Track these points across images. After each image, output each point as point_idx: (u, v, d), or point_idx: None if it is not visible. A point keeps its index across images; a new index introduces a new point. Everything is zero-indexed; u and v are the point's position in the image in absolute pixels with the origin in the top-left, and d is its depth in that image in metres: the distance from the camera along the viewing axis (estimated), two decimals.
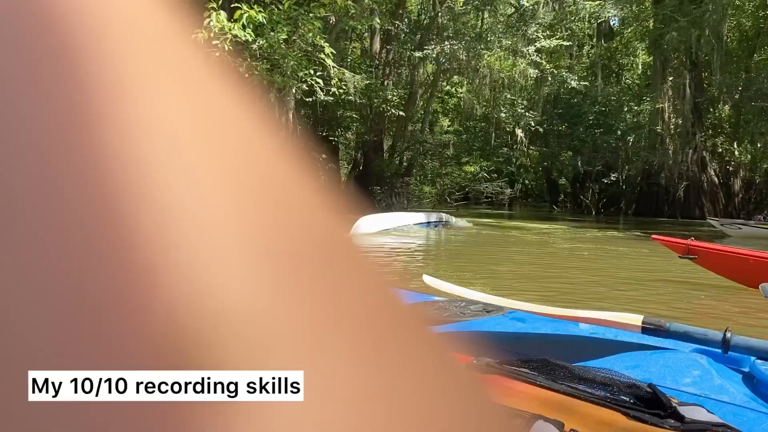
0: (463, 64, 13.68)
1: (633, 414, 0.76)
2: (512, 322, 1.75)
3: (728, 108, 19.98)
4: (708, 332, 1.46)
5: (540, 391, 0.85)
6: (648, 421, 0.74)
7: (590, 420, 0.75)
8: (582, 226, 13.73)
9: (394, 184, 16.12)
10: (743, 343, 1.38)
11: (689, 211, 19.17)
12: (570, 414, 0.76)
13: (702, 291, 4.28)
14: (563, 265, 6.29)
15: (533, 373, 0.91)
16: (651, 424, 0.74)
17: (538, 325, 1.71)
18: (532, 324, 1.72)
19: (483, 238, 9.63)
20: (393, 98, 13.36)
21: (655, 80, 19.60)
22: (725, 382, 1.23)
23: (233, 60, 10.15)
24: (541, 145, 21.70)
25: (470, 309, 1.86)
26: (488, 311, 1.84)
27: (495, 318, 1.78)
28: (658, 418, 0.75)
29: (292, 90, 10.18)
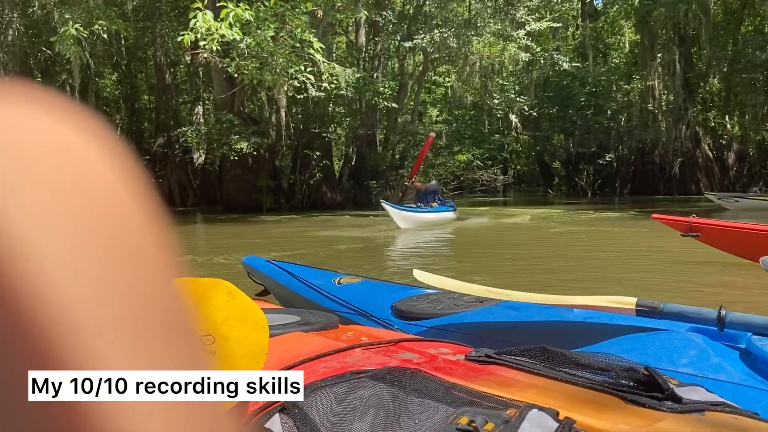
0: (452, 52, 13.58)
1: (630, 398, 0.75)
2: (506, 311, 1.73)
3: (718, 81, 19.92)
4: (702, 311, 1.45)
5: (538, 379, 0.85)
6: (646, 404, 0.74)
7: (587, 406, 0.74)
8: (579, 208, 13.72)
9: (388, 177, 16.08)
10: (739, 319, 1.36)
11: (685, 187, 19.18)
12: (567, 401, 0.76)
13: (703, 268, 4.25)
14: (561, 250, 6.27)
15: (531, 361, 0.91)
16: (649, 407, 0.74)
17: (533, 313, 1.69)
18: (526, 312, 1.70)
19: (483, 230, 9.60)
20: (385, 90, 13.26)
21: (644, 57, 19.53)
22: (722, 361, 1.22)
23: (221, 60, 10.09)
24: (533, 130, 21.64)
25: (464, 300, 1.85)
26: (482, 301, 1.82)
27: (489, 308, 1.76)
28: (656, 401, 0.74)
29: (284, 88, 10.11)
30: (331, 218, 11.00)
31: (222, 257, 5.58)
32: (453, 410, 0.73)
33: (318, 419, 0.76)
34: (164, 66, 18.78)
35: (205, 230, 9.93)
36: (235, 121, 12.44)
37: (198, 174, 19.12)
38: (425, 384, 0.81)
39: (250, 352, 0.93)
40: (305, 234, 8.35)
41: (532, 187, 29.96)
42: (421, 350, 1.07)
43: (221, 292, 1.09)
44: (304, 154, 14.29)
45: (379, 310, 1.82)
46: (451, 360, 0.99)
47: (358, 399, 0.78)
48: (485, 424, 0.68)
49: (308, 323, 1.37)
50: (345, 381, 0.85)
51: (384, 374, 0.85)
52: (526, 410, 0.69)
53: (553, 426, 0.67)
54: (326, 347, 1.08)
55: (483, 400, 0.76)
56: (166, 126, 18.96)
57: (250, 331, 1.00)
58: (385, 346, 1.09)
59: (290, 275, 2.21)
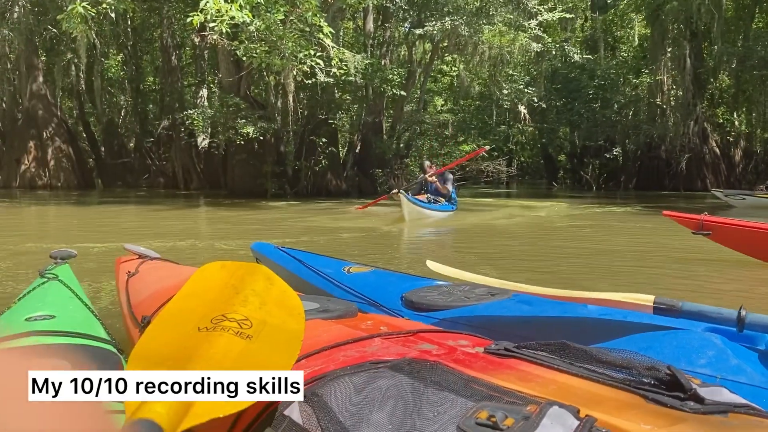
0: (462, 41, 13.40)
1: (652, 397, 0.74)
2: (519, 305, 1.70)
3: (728, 78, 19.72)
4: (722, 311, 1.42)
5: (558, 374, 0.84)
6: (667, 404, 0.72)
7: (608, 404, 0.73)
8: (585, 202, 13.66)
9: (393, 166, 16.00)
10: (759, 320, 1.33)
11: (691, 183, 19.09)
12: (588, 398, 0.75)
13: (713, 268, 4.19)
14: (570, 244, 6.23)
15: (551, 356, 0.90)
16: (670, 406, 0.72)
17: (546, 307, 1.66)
18: (539, 307, 1.67)
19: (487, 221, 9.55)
20: (393, 78, 13.11)
21: (654, 52, 19.33)
22: (741, 362, 1.19)
23: (229, 43, 9.99)
24: (540, 122, 21.49)
25: (475, 293, 1.82)
26: (493, 294, 1.80)
27: (501, 302, 1.74)
28: (677, 401, 0.73)
29: (292, 72, 9.99)
30: (336, 206, 10.96)
31: (224, 242, 5.56)
32: (472, 404, 0.72)
33: (337, 408, 0.76)
34: (170, 48, 18.68)
35: (208, 214, 9.91)
36: (242, 105, 12.36)
37: (202, 157, 19.09)
38: (444, 376, 0.81)
39: (286, 339, 0.92)
40: (309, 221, 8.33)
41: (535, 179, 29.83)
42: (440, 342, 1.06)
43: (260, 277, 1.11)
44: (310, 141, 14.20)
45: (389, 300, 1.80)
46: (471, 353, 0.98)
47: (377, 389, 0.78)
48: (505, 419, 0.67)
49: (327, 311, 1.36)
50: (364, 371, 0.85)
51: (404, 365, 0.85)
52: (546, 407, 0.68)
53: (574, 424, 0.65)
54: (345, 336, 1.07)
55: (503, 394, 0.75)
56: (170, 108, 18.92)
57: (286, 317, 0.99)
58: (404, 337, 1.08)
59: (299, 262, 2.19)
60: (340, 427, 0.71)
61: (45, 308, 1.47)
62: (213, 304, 0.99)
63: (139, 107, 21.75)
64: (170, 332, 0.89)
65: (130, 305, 1.74)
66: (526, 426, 0.65)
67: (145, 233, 6.43)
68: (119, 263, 2.32)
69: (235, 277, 1.11)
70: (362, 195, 13.81)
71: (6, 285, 3.39)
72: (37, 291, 1.65)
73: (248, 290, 1.04)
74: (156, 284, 1.83)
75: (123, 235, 6.28)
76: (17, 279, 3.55)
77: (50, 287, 1.68)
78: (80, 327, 1.35)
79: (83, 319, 1.46)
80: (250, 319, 0.93)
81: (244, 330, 0.89)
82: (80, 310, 1.54)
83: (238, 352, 0.83)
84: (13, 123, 19.00)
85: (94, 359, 1.09)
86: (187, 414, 0.66)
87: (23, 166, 18.27)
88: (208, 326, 0.89)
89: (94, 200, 13.35)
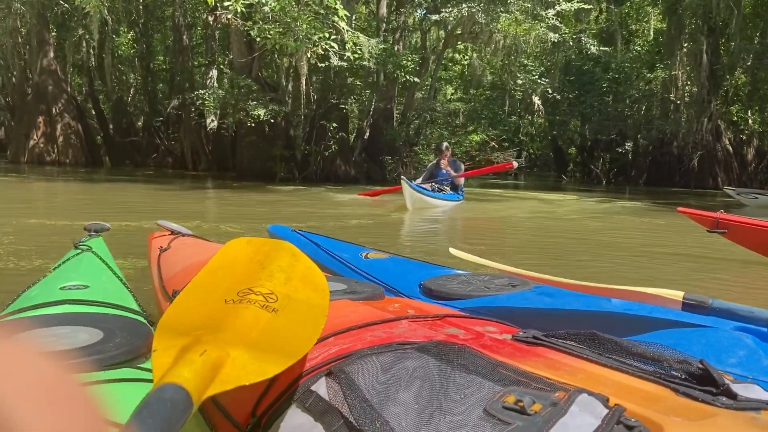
0: (478, 28, 13.18)
1: (683, 390, 0.73)
2: (540, 297, 1.67)
3: (744, 75, 19.44)
4: (754, 310, 1.39)
5: (587, 364, 0.83)
6: (699, 398, 0.71)
7: (638, 395, 0.72)
8: (597, 196, 13.57)
9: (402, 153, 15.90)
10: None
11: (702, 180, 18.93)
12: (617, 388, 0.74)
13: (729, 266, 4.14)
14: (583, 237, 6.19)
15: (580, 346, 0.89)
16: (702, 401, 0.71)
17: (568, 300, 1.63)
18: (561, 299, 1.64)
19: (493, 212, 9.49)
20: (407, 64, 12.94)
21: (670, 46, 19.07)
22: None
23: (243, 23, 9.88)
24: (551, 114, 21.30)
25: (495, 283, 1.79)
26: (514, 285, 1.77)
27: (522, 293, 1.71)
28: (709, 395, 0.72)
29: (307, 54, 9.85)
30: (344, 192, 10.92)
31: (229, 225, 5.52)
32: (500, 388, 0.72)
33: (363, 385, 0.76)
34: (182, 27, 18.56)
35: (216, 196, 9.90)
36: (254, 87, 12.26)
37: (210, 139, 19.06)
38: (472, 360, 0.80)
39: (311, 314, 0.94)
40: (316, 206, 8.30)
41: (544, 171, 29.63)
42: (468, 327, 1.05)
43: (286, 253, 1.14)
44: (321, 125, 14.08)
45: (407, 287, 1.78)
46: (498, 339, 0.97)
47: (404, 369, 0.78)
48: (532, 405, 0.66)
49: (355, 292, 1.37)
50: (391, 351, 0.85)
51: (431, 347, 0.85)
52: (575, 394, 0.67)
53: (603, 412, 0.64)
54: (373, 317, 1.07)
55: (530, 380, 0.74)
56: (180, 88, 18.84)
57: (311, 293, 1.01)
58: (431, 320, 1.08)
59: (316, 246, 2.17)
60: (366, 404, 0.71)
61: (79, 278, 1.51)
62: (239, 277, 1.01)
63: (149, 86, 21.69)
64: (198, 303, 0.91)
65: (161, 279, 1.78)
66: (553, 412, 0.64)
67: (154, 212, 6.43)
68: (151, 239, 2.36)
69: (261, 253, 1.13)
70: (371, 182, 13.75)
71: (8, 261, 3.36)
72: (72, 261, 1.70)
73: (274, 266, 1.06)
74: (187, 260, 1.85)
75: (131, 213, 6.27)
76: (19, 255, 3.51)
77: (84, 258, 1.73)
78: (112, 298, 1.38)
79: (115, 291, 1.50)
80: (276, 294, 0.95)
81: (269, 303, 0.91)
82: (112, 282, 1.58)
83: (264, 324, 0.84)
84: (23, 98, 18.98)
85: (126, 329, 1.11)
86: (214, 380, 0.66)
87: (32, 142, 18.28)
88: (235, 299, 0.90)
89: (102, 178, 13.37)
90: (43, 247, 3.80)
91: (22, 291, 1.49)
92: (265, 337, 0.81)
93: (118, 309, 1.29)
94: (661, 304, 1.52)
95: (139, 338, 1.06)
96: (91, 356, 0.95)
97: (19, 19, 17.80)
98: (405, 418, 0.68)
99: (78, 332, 1.06)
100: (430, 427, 0.67)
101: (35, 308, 1.24)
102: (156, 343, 0.73)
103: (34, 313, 1.21)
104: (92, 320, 1.14)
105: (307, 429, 0.75)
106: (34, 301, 1.30)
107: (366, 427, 0.68)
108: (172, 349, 0.70)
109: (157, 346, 0.72)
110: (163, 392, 0.59)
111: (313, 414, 0.76)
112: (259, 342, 0.79)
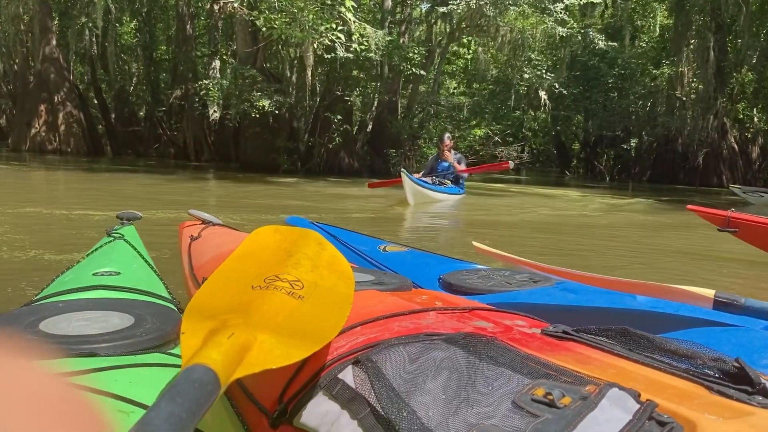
0: (485, 21, 13.05)
1: (717, 389, 0.71)
2: (563, 293, 1.64)
3: (751, 73, 19.32)
4: None
5: (618, 360, 0.82)
6: (733, 397, 0.69)
7: (670, 392, 0.70)
8: (600, 193, 13.52)
9: (406, 147, 15.83)
10: None
11: (707, 178, 18.87)
12: (649, 384, 0.72)
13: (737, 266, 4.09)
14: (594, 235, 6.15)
15: (611, 341, 0.88)
16: (737, 399, 0.69)
17: (592, 297, 1.60)
18: (584, 296, 1.61)
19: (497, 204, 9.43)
20: (414, 56, 12.84)
21: (677, 43, 18.93)
22: None
23: (249, 13, 9.80)
24: (556, 109, 21.21)
25: (516, 278, 1.75)
26: (535, 281, 1.73)
27: (544, 289, 1.68)
28: (745, 394, 0.70)
29: (313, 45, 9.77)
30: (348, 185, 10.87)
31: (230, 216, 5.46)
32: (529, 381, 0.71)
33: (390, 374, 0.76)
34: (186, 16, 18.45)
35: (219, 186, 9.85)
36: (258, 78, 12.18)
37: (213, 130, 18.98)
38: (500, 352, 0.80)
39: (336, 301, 0.95)
40: (321, 198, 8.26)
41: (546, 167, 29.55)
42: (496, 320, 1.04)
43: (312, 242, 1.16)
44: (325, 117, 14.00)
45: (427, 281, 1.75)
46: (527, 332, 0.96)
47: (431, 360, 0.78)
48: (562, 398, 0.65)
49: (383, 283, 1.37)
50: (419, 341, 0.85)
51: (459, 339, 0.84)
52: (606, 388, 0.66)
53: (634, 407, 0.63)
54: (401, 307, 1.07)
55: (560, 374, 0.73)
56: (183, 78, 18.74)
57: (337, 281, 1.02)
58: (459, 312, 1.08)
59: (334, 238, 2.15)
60: (393, 393, 0.71)
61: (111, 265, 1.55)
62: (266, 264, 1.03)
63: (151, 75, 21.60)
64: (225, 288, 0.92)
65: (191, 267, 1.81)
66: (583, 406, 0.63)
67: (157, 202, 6.38)
68: (182, 228, 2.39)
69: (287, 241, 1.16)
70: (374, 175, 13.68)
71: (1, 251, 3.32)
72: (104, 248, 1.75)
73: (300, 253, 1.09)
74: (217, 248, 1.87)
75: (132, 201, 6.23)
76: (12, 245, 3.45)
77: (116, 246, 1.77)
78: (143, 284, 1.41)
79: (146, 278, 1.53)
80: (302, 281, 0.96)
81: (295, 291, 0.92)
82: (144, 269, 1.61)
83: (290, 310, 0.85)
84: (25, 86, 18.88)
85: (156, 315, 1.13)
86: (241, 363, 0.67)
87: (33, 130, 18.19)
88: (262, 285, 0.92)
89: (103, 167, 13.31)
90: (39, 235, 3.77)
91: (56, 276, 1.52)
92: (291, 322, 0.81)
93: (148, 295, 1.32)
94: (690, 302, 1.48)
95: (169, 324, 1.07)
96: (122, 341, 0.97)
97: (21, 6, 17.69)
98: (432, 408, 0.68)
99: (110, 317, 1.08)
100: (457, 417, 0.66)
101: (68, 293, 1.28)
102: (185, 325, 0.74)
103: (68, 297, 1.24)
104: (124, 306, 1.16)
105: (333, 416, 0.75)
106: (67, 286, 1.33)
107: (393, 416, 0.68)
108: (201, 332, 0.70)
109: (185, 328, 0.72)
110: (191, 373, 0.59)
111: (340, 402, 0.76)
112: (285, 327, 0.79)
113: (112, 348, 0.93)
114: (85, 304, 1.16)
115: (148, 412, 0.51)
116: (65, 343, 0.93)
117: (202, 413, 0.56)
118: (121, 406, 0.72)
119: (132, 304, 1.18)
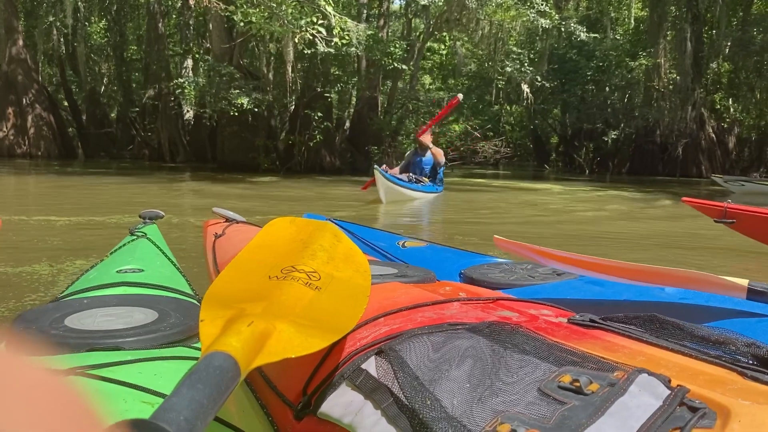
0: (466, 14, 12.96)
1: (751, 375, 0.69)
2: (588, 286, 1.59)
3: (727, 63, 19.70)
4: None
5: (647, 347, 0.80)
6: None
7: (701, 378, 0.68)
8: (582, 186, 13.62)
9: (385, 143, 15.73)
10: None
11: (686, 168, 19.16)
12: (679, 371, 0.71)
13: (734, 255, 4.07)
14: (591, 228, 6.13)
15: (639, 329, 0.86)
16: None
17: (619, 290, 1.55)
18: (610, 289, 1.56)
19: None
20: (395, 51, 12.70)
21: (653, 34, 19.17)
22: None
23: (225, 8, 9.58)
24: (535, 103, 21.35)
25: (539, 272, 1.72)
26: (559, 275, 1.69)
27: (568, 282, 1.64)
28: None
29: (294, 39, 9.58)
30: (330, 183, 10.73)
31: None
32: (555, 368, 0.70)
33: (414, 364, 0.76)
34: (157, 14, 18.07)
35: (198, 188, 9.60)
36: (236, 75, 11.94)
37: (188, 130, 18.63)
38: (525, 340, 0.79)
39: (353, 293, 0.95)
40: (304, 197, 8.11)
41: (524, 161, 29.78)
42: (521, 310, 1.02)
43: (328, 234, 1.17)
44: (305, 115, 13.78)
45: (448, 276, 1.70)
46: (553, 321, 0.95)
47: (455, 349, 0.78)
48: (589, 384, 0.64)
49: (406, 275, 1.38)
50: (443, 331, 0.85)
51: (483, 328, 0.84)
52: (634, 374, 0.65)
53: (664, 393, 0.62)
54: (424, 298, 1.07)
55: (587, 361, 0.72)
56: (156, 78, 18.35)
57: (353, 273, 1.03)
58: (483, 303, 1.07)
59: (352, 235, 2.10)
60: (416, 383, 0.71)
61: (134, 262, 1.57)
62: (283, 255, 1.03)
63: (123, 76, 21.14)
64: (242, 277, 0.92)
65: (216, 264, 1.84)
66: (612, 392, 0.62)
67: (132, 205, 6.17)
68: (207, 225, 2.43)
69: (304, 232, 1.17)
70: (356, 173, 13.56)
71: None
72: (128, 247, 1.78)
73: (316, 245, 1.09)
74: (241, 245, 1.82)
75: (107, 208, 6.01)
76: None
77: (139, 244, 1.80)
78: (166, 281, 1.42)
79: (169, 275, 1.55)
80: (319, 272, 0.96)
81: (312, 282, 0.92)
82: (167, 266, 1.64)
83: (307, 300, 0.86)
84: None
85: (179, 310, 1.14)
86: (261, 351, 0.67)
87: (1, 134, 17.66)
88: (279, 275, 0.92)
89: (75, 171, 12.92)
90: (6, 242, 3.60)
91: (81, 274, 1.56)
92: (309, 313, 0.82)
93: (172, 292, 1.34)
94: (722, 292, 1.42)
95: (192, 319, 1.09)
96: (146, 335, 0.99)
97: None
98: (456, 396, 0.68)
99: (134, 312, 1.10)
100: (481, 405, 0.66)
101: (93, 289, 1.31)
102: (203, 313, 0.73)
103: (93, 294, 1.28)
104: (147, 301, 1.18)
105: (357, 406, 0.76)
106: (92, 283, 1.37)
107: (416, 404, 0.67)
108: (219, 320, 0.70)
109: (204, 316, 0.72)
110: (212, 359, 0.59)
111: (363, 392, 0.77)
112: (304, 317, 0.79)
113: (136, 342, 0.96)
114: (110, 300, 1.19)
115: (169, 397, 0.51)
116: (90, 338, 0.95)
117: (223, 400, 0.56)
118: (146, 397, 0.74)
119: (155, 300, 1.20)
